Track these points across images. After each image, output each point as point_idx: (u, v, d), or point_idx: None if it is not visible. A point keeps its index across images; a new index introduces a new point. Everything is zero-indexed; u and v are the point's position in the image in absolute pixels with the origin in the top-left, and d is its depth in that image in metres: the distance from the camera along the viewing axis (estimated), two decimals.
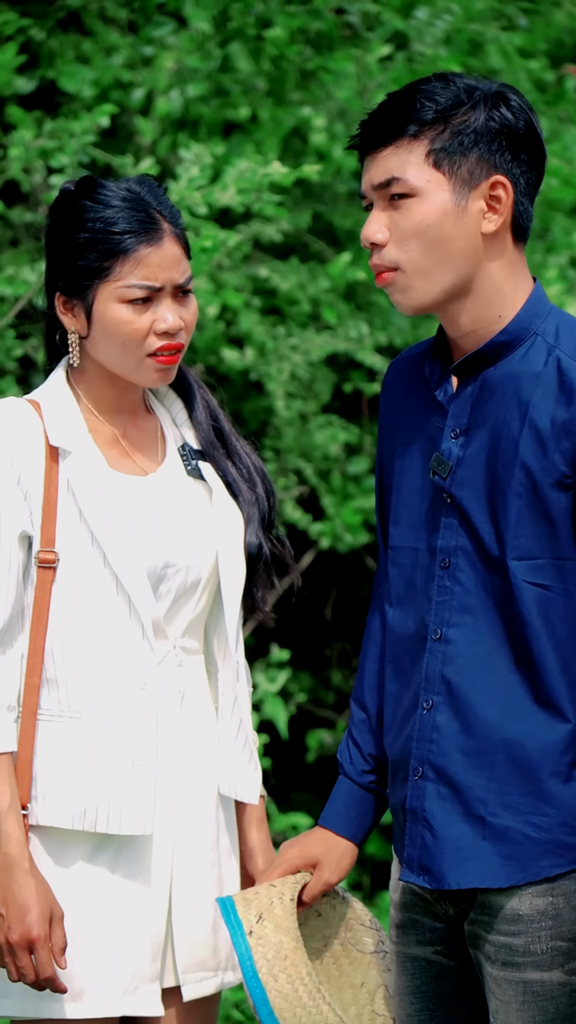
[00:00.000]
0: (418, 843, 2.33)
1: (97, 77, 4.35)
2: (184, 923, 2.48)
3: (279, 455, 4.53)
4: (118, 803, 2.40)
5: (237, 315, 4.41)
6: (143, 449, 2.53)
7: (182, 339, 2.46)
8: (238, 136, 4.47)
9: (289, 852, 2.46)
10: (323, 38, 4.56)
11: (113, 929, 2.44)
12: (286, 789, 5.00)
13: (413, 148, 2.24)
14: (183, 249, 2.47)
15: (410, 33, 4.57)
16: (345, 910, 2.52)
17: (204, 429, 2.57)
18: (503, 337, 2.30)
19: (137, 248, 2.43)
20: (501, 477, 2.28)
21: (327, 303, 4.48)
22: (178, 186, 3.90)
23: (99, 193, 2.46)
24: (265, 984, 2.32)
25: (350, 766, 2.48)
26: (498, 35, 4.72)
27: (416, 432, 2.39)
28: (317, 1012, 2.33)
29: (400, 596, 2.40)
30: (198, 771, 2.50)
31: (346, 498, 4.60)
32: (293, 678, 4.89)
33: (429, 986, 2.41)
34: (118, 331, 2.44)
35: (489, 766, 2.28)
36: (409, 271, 2.27)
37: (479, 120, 2.24)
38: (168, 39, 4.45)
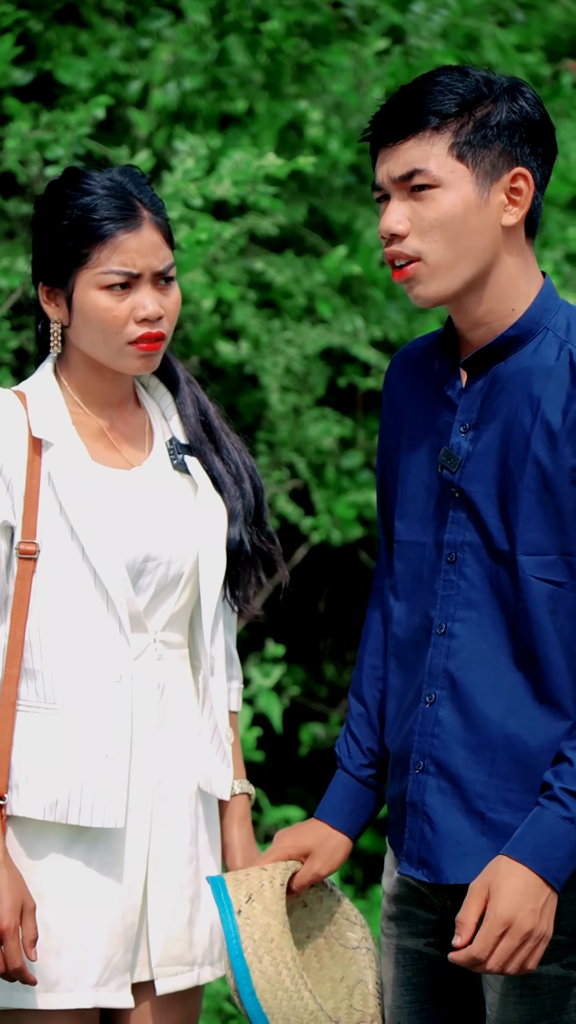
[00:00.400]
0: (417, 837, 2.34)
1: (94, 69, 4.35)
2: (159, 917, 2.48)
3: (273, 449, 4.53)
4: (90, 795, 2.41)
5: (232, 308, 4.41)
6: (130, 442, 2.53)
7: (163, 327, 2.46)
8: (234, 129, 4.47)
9: (283, 840, 2.47)
10: (320, 31, 4.56)
11: (86, 921, 2.44)
12: (279, 783, 5.00)
13: (435, 140, 2.25)
14: (164, 237, 2.47)
15: (406, 27, 4.56)
16: (332, 903, 2.52)
17: (192, 423, 2.57)
18: (514, 331, 2.30)
19: (115, 234, 2.43)
20: (513, 472, 2.28)
21: (322, 297, 4.48)
22: (173, 178, 3.90)
23: (81, 182, 2.47)
24: (249, 964, 2.32)
25: (348, 759, 2.48)
26: (494, 30, 4.72)
27: (423, 426, 2.39)
28: (298, 997, 2.33)
29: (406, 590, 2.40)
30: (176, 765, 2.50)
31: (340, 492, 4.60)
32: (287, 672, 4.89)
33: (420, 978, 2.42)
34: (98, 318, 2.44)
35: (490, 762, 2.28)
36: (431, 262, 2.27)
37: (501, 112, 2.24)
38: (165, 32, 4.44)
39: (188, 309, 4.33)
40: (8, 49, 4.14)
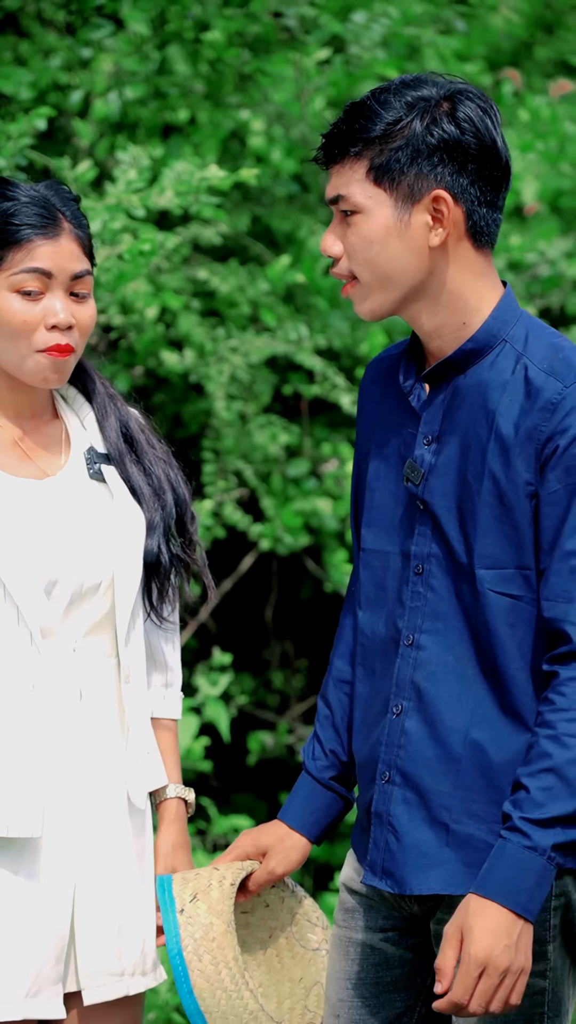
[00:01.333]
0: (382, 847, 2.34)
1: (34, 79, 4.33)
2: (86, 927, 2.47)
3: (219, 456, 4.53)
4: (5, 805, 2.40)
5: (176, 317, 4.41)
6: (45, 451, 2.51)
7: (73, 339, 2.46)
8: (176, 138, 4.46)
9: (242, 839, 2.49)
10: (261, 41, 4.56)
11: (14, 933, 2.43)
12: (228, 791, 4.99)
13: (356, 166, 2.28)
14: (83, 250, 2.47)
15: (347, 37, 4.58)
16: (293, 904, 2.52)
17: (110, 434, 2.55)
18: (471, 345, 2.31)
19: (32, 239, 2.43)
20: (471, 485, 2.29)
21: (266, 305, 4.48)
22: (116, 189, 3.89)
23: (5, 189, 2.47)
24: (188, 963, 2.32)
25: (311, 762, 2.50)
26: (435, 39, 4.73)
27: (391, 436, 2.41)
28: (238, 996, 2.33)
29: (370, 599, 2.41)
30: (101, 773, 2.49)
31: (286, 500, 4.60)
32: (234, 680, 4.88)
33: (368, 974, 2.42)
34: (8, 321, 2.43)
35: (455, 773, 2.30)
36: (362, 283, 2.32)
37: (416, 136, 2.25)
38: (106, 41, 4.43)
39: (132, 319, 4.32)
40: None
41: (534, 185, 4.69)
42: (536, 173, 4.71)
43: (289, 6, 4.58)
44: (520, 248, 4.75)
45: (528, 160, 4.71)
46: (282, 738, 4.81)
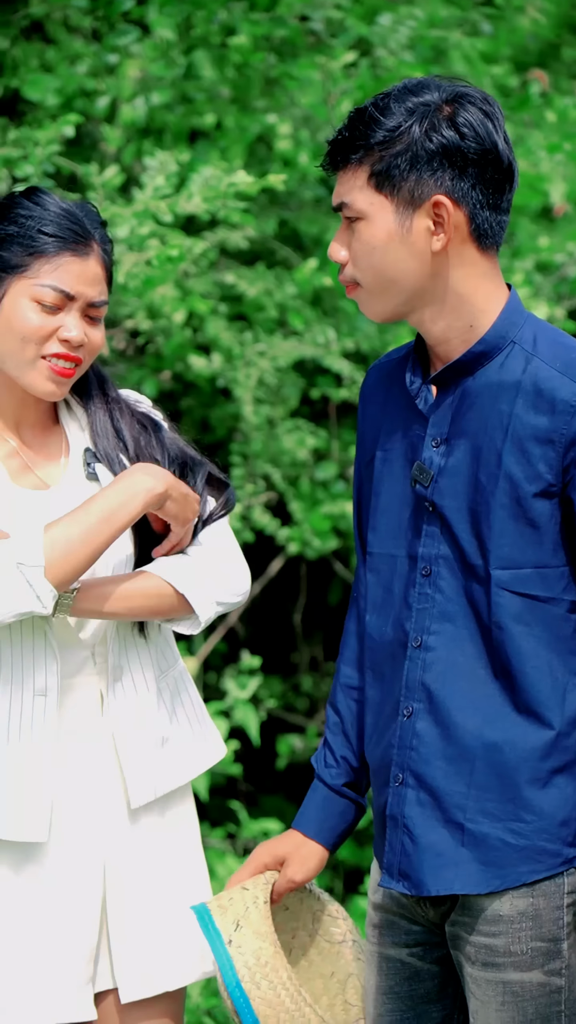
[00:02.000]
0: (398, 849, 2.35)
1: (61, 86, 4.34)
2: (119, 925, 2.48)
3: (247, 460, 4.53)
4: (15, 809, 2.42)
5: (204, 322, 4.41)
6: (45, 461, 2.52)
7: (82, 355, 2.47)
8: (203, 143, 4.47)
9: (259, 852, 2.50)
10: (287, 45, 4.56)
11: (42, 939, 2.44)
12: (257, 795, 5.00)
13: (358, 173, 2.29)
14: (106, 275, 2.49)
15: (373, 39, 4.58)
16: (312, 902, 2.54)
17: (102, 434, 2.54)
18: (480, 347, 2.31)
19: (61, 253, 2.44)
20: (485, 487, 2.29)
21: (294, 309, 4.48)
22: (143, 194, 3.90)
23: (40, 197, 2.49)
24: (248, 992, 2.33)
25: (324, 769, 2.49)
26: (461, 41, 4.73)
27: (397, 439, 2.41)
28: (300, 1015, 2.35)
29: (377, 603, 2.41)
30: (119, 774, 2.49)
31: (315, 503, 4.60)
32: (263, 684, 4.89)
33: (402, 987, 2.43)
34: (21, 327, 2.44)
35: (468, 773, 2.30)
36: (365, 287, 2.33)
37: (415, 142, 2.26)
38: (132, 47, 4.44)
39: (160, 323, 4.33)
40: None
41: (562, 186, 4.68)
42: (564, 174, 4.69)
43: (315, 9, 4.58)
44: (549, 249, 4.74)
45: (556, 161, 4.70)
46: (311, 741, 4.81)
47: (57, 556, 2.35)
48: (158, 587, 2.45)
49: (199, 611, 2.48)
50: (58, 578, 2.36)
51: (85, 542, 2.37)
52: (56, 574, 2.35)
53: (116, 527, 2.39)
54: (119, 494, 2.39)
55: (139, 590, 2.44)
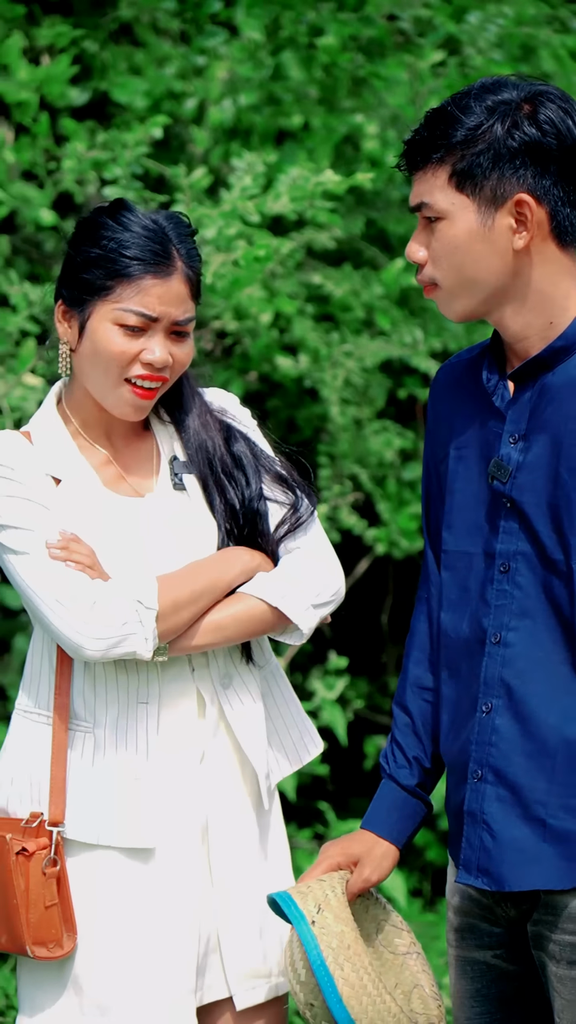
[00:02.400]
0: (476, 845, 2.34)
1: (149, 88, 4.37)
2: (230, 932, 2.49)
3: (334, 461, 4.53)
4: (121, 817, 2.43)
5: (291, 322, 4.42)
6: (137, 469, 2.53)
7: (166, 374, 2.47)
8: (290, 144, 4.48)
9: (331, 850, 2.48)
10: (375, 45, 4.56)
11: (150, 947, 2.45)
12: (345, 795, 4.99)
13: (439, 172, 2.28)
14: (191, 291, 2.48)
15: (462, 38, 4.56)
16: (377, 912, 2.53)
17: (192, 453, 2.55)
18: (561, 342, 2.31)
19: (143, 276, 2.44)
20: (566, 482, 2.29)
21: (381, 309, 4.48)
22: (231, 195, 3.91)
23: (123, 215, 2.48)
24: (332, 973, 2.33)
25: (395, 769, 2.49)
26: (551, 38, 4.70)
27: (471, 437, 2.40)
28: (381, 1001, 2.35)
29: (452, 601, 2.41)
30: (225, 779, 2.50)
31: (402, 504, 4.59)
32: (350, 685, 4.88)
33: (490, 989, 2.43)
34: (105, 350, 2.45)
35: (550, 769, 2.29)
36: (445, 288, 2.32)
37: (497, 140, 2.26)
38: (220, 49, 4.46)
39: (246, 324, 4.34)
40: (64, 69, 4.17)
41: None
42: None
43: (403, 8, 4.58)
44: None
45: None
46: None
47: (167, 608, 2.41)
48: (250, 608, 2.48)
49: (299, 621, 2.50)
50: (164, 628, 2.42)
51: (191, 600, 2.44)
52: (163, 625, 2.41)
53: (218, 591, 2.46)
54: (219, 563, 2.47)
55: (231, 617, 2.47)
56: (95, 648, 2.39)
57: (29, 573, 2.42)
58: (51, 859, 2.42)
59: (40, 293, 3.96)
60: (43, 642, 2.49)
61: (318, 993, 2.36)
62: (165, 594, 2.41)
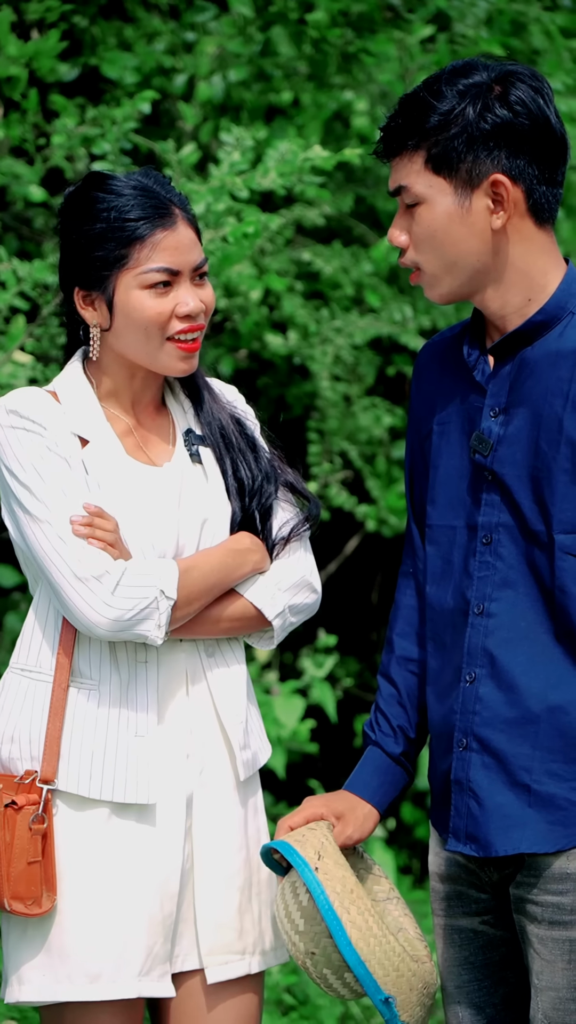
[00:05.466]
0: (464, 813, 2.37)
1: (139, 63, 4.35)
2: (206, 905, 2.49)
3: (324, 438, 4.53)
4: (122, 772, 2.45)
5: (280, 299, 4.41)
6: (155, 441, 2.56)
7: (202, 321, 2.49)
8: (280, 120, 4.47)
9: (314, 801, 2.51)
10: (365, 20, 4.55)
11: (126, 911, 2.45)
12: (334, 773, 5.00)
13: (414, 158, 2.31)
14: (196, 232, 2.50)
15: (452, 14, 4.55)
16: (356, 861, 2.57)
17: (209, 427, 2.58)
18: (540, 317, 2.34)
19: (153, 233, 2.45)
20: (546, 453, 2.31)
21: (370, 286, 4.47)
22: (219, 171, 3.90)
23: (109, 184, 2.48)
24: (340, 916, 2.36)
25: (379, 735, 2.52)
26: (540, 15, 4.69)
27: (453, 413, 2.43)
28: (386, 942, 2.38)
29: (436, 574, 2.44)
30: (208, 751, 2.51)
31: (391, 482, 4.59)
32: (340, 663, 4.89)
33: (478, 956, 2.45)
34: (142, 317, 2.46)
35: (533, 735, 2.32)
36: (427, 271, 2.36)
37: (470, 124, 2.28)
38: (210, 24, 4.44)
39: (236, 301, 4.33)
40: (54, 45, 4.15)
41: None
42: None
43: None
44: None
45: None
46: None
47: (183, 599, 2.45)
48: (243, 610, 2.53)
49: (277, 633, 2.56)
50: (176, 617, 2.46)
51: (203, 594, 2.48)
52: (177, 614, 2.45)
53: (226, 586, 2.51)
54: (234, 556, 2.52)
55: (228, 615, 2.53)
56: (108, 628, 2.42)
57: (49, 543, 2.43)
58: (39, 816, 2.43)
59: (29, 270, 3.95)
60: (50, 603, 2.50)
61: (319, 940, 2.38)
62: (183, 583, 2.45)
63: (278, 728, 4.28)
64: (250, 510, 2.56)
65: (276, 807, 4.66)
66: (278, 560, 2.57)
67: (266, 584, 2.54)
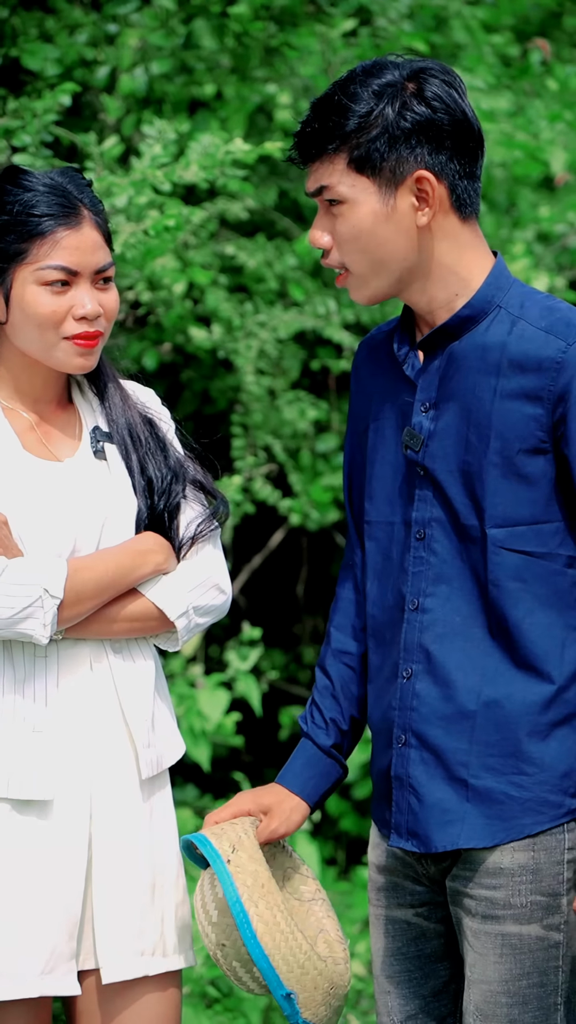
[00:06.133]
0: (405, 809, 2.38)
1: (60, 55, 4.33)
2: (105, 905, 2.48)
3: (248, 432, 4.53)
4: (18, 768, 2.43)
5: (204, 293, 4.41)
6: (60, 437, 2.54)
7: (101, 326, 2.48)
8: (203, 113, 4.45)
9: (243, 797, 2.51)
10: (287, 14, 4.54)
11: (27, 910, 2.44)
12: (260, 766, 5.01)
13: (336, 159, 2.31)
14: (103, 236, 2.49)
15: (374, 8, 4.56)
16: (284, 860, 2.58)
17: (116, 423, 2.57)
18: (467, 311, 2.35)
19: (55, 230, 2.45)
20: (476, 447, 2.32)
21: (294, 280, 4.48)
22: (141, 164, 3.89)
23: (21, 179, 2.48)
24: (248, 910, 2.37)
25: (312, 727, 2.53)
26: (462, 9, 4.71)
27: (387, 408, 2.44)
28: (293, 938, 2.39)
29: (377, 570, 2.45)
30: (110, 747, 2.50)
31: (315, 475, 4.60)
32: (265, 656, 4.89)
33: (409, 948, 2.47)
34: (35, 313, 2.45)
35: (469, 730, 2.34)
36: (354, 272, 2.36)
37: (390, 124, 2.28)
38: (132, 16, 4.42)
39: (160, 295, 4.32)
40: None
41: (563, 156, 4.67)
42: (565, 144, 4.68)
43: None
44: (549, 219, 4.72)
45: (557, 130, 4.68)
46: None
47: (71, 598, 2.43)
48: (144, 610, 2.52)
49: (182, 635, 2.54)
50: (64, 617, 2.44)
51: (95, 594, 2.46)
52: (64, 613, 2.43)
53: (123, 587, 2.49)
54: (133, 557, 2.49)
55: (126, 614, 2.51)
56: None
57: None
58: None
59: None
60: None
61: (230, 932, 2.39)
62: (72, 583, 2.42)
63: (203, 721, 4.27)
64: (158, 509, 2.55)
65: (201, 800, 4.66)
66: (185, 560, 2.56)
67: (169, 584, 2.53)
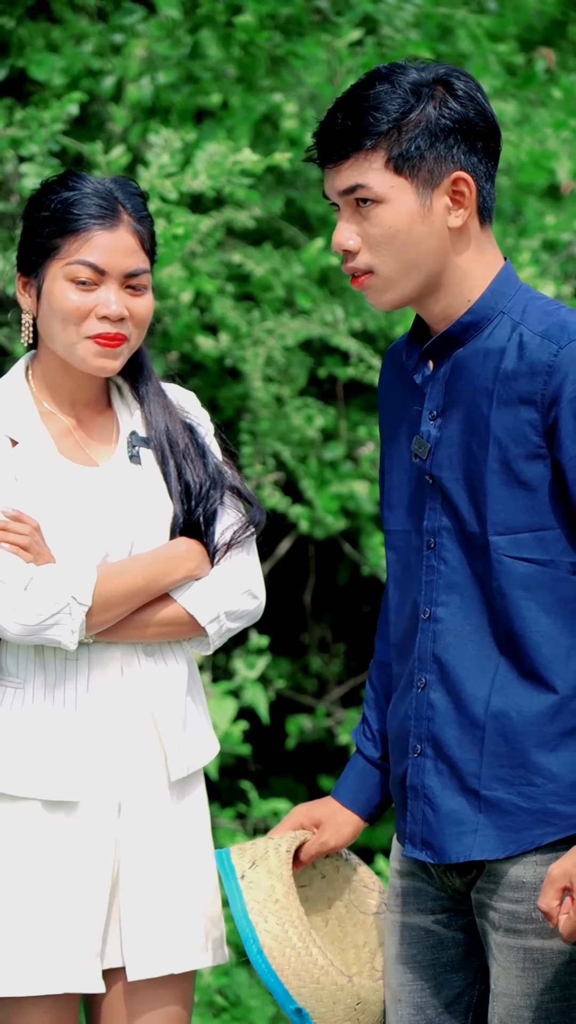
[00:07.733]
0: (419, 819, 2.39)
1: (67, 65, 4.34)
2: (132, 903, 2.49)
3: (256, 439, 4.53)
4: (46, 770, 2.44)
5: (211, 301, 4.41)
6: (97, 441, 2.55)
7: (125, 330, 2.47)
8: (209, 123, 4.46)
9: (296, 812, 2.55)
10: (293, 23, 4.55)
11: (55, 906, 2.45)
12: (267, 775, 5.01)
13: (372, 158, 2.28)
14: (141, 244, 2.49)
15: (379, 17, 4.57)
16: (349, 872, 2.58)
17: (156, 428, 2.57)
18: (469, 317, 2.34)
19: (89, 228, 2.46)
20: (476, 454, 2.32)
21: (301, 288, 4.48)
22: (148, 173, 3.90)
23: (70, 180, 2.51)
24: (255, 924, 2.38)
25: (361, 740, 2.55)
26: (467, 18, 4.72)
27: (402, 417, 2.44)
28: (307, 954, 2.39)
29: (397, 579, 2.45)
30: (141, 749, 2.51)
31: (323, 483, 4.60)
32: (272, 664, 4.89)
33: (424, 956, 2.46)
34: (59, 308, 2.46)
35: (480, 740, 2.33)
36: (383, 274, 2.32)
37: (431, 120, 2.27)
38: (138, 26, 4.43)
39: (167, 304, 4.33)
40: None
41: (568, 164, 4.67)
42: (570, 152, 4.69)
43: None
44: (556, 228, 4.73)
45: (562, 138, 4.69)
46: (321, 721, 4.81)
47: (99, 605, 2.43)
48: (176, 616, 2.52)
49: (213, 640, 2.55)
50: (93, 623, 2.44)
51: (124, 601, 2.46)
52: (92, 619, 2.44)
53: (153, 592, 2.49)
54: (165, 564, 2.49)
55: (157, 620, 2.51)
56: (17, 632, 2.41)
57: None
58: None
59: None
60: None
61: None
62: (101, 590, 2.43)
63: None
64: (195, 515, 2.55)
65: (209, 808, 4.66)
66: (219, 565, 2.56)
67: (201, 589, 2.53)
